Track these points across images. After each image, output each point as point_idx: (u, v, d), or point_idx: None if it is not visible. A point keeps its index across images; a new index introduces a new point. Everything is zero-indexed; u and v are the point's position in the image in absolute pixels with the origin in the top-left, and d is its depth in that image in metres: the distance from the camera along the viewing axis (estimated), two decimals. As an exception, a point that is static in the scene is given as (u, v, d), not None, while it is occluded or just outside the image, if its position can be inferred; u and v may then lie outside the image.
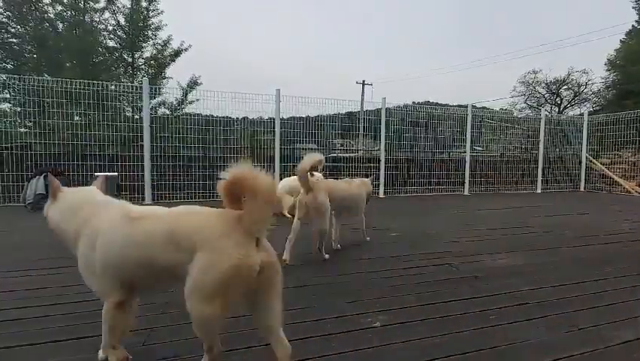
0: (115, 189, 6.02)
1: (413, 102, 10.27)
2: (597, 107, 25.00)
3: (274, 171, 7.20)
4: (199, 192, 6.99)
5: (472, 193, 8.57)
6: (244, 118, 8.04)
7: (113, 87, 7.56)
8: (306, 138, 8.40)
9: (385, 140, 8.01)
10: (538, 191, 9.27)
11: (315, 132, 8.29)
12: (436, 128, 9.05)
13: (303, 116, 8.30)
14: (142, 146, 6.46)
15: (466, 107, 8.86)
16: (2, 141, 6.27)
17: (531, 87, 28.10)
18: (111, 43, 16.47)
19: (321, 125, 8.45)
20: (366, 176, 3.92)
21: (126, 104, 8.88)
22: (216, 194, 1.27)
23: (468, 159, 8.60)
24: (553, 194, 8.99)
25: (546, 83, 27.49)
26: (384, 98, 8.01)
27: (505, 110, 26.22)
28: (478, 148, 10.29)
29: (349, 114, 9.75)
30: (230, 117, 7.58)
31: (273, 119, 7.33)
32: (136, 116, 7.45)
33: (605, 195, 8.85)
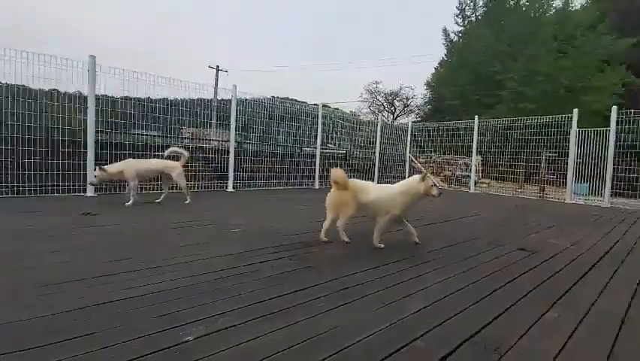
0: None
1: (273, 96, 10.09)
2: (419, 118, 30.99)
3: (87, 159, 5.53)
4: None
5: (321, 188, 9.06)
6: (55, 90, 6.15)
7: None
8: (145, 122, 7.19)
9: (236, 130, 7.55)
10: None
11: (158, 117, 7.20)
12: (288, 123, 9.16)
13: (142, 97, 7.03)
14: None
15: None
16: None
17: (373, 95, 32.65)
18: None
19: (164, 108, 7.34)
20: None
21: None
22: None
23: (318, 154, 9.06)
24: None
25: (385, 94, 32.42)
26: (235, 85, 7.50)
27: (354, 113, 29.60)
28: (331, 146, 11.01)
29: (201, 101, 8.86)
30: (27, 87, 5.64)
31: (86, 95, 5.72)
32: None
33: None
